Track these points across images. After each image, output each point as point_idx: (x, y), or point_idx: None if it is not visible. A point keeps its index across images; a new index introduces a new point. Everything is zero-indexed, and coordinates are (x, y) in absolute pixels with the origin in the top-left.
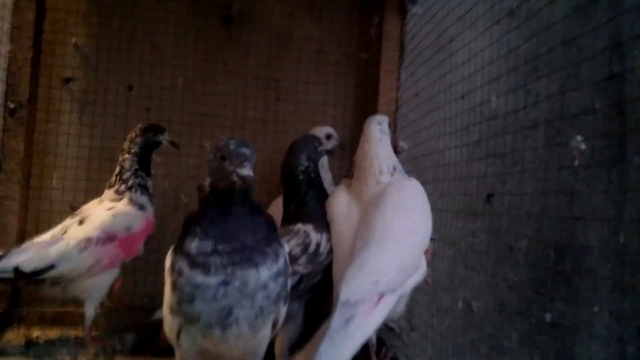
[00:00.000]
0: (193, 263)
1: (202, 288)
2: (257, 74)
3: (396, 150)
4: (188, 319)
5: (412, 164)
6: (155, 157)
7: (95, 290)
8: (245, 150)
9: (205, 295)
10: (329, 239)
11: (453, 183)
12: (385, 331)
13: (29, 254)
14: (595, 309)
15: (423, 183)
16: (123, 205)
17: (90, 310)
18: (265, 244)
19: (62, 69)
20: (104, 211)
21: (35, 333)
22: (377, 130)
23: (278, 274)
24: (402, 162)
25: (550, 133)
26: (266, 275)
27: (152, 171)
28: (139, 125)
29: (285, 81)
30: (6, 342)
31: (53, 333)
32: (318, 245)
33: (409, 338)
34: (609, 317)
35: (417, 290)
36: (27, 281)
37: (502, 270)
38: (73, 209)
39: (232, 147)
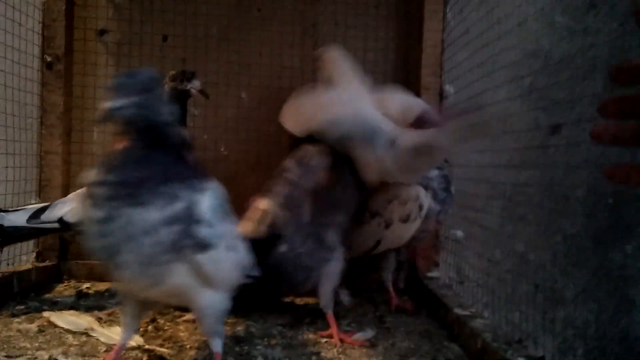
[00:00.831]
0: (87, 194)
1: (89, 222)
2: (294, 20)
3: (442, 94)
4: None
5: (459, 108)
6: (194, 110)
7: None
8: (114, 82)
9: (92, 230)
10: None
11: (504, 133)
12: (433, 280)
13: (73, 204)
14: None
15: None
16: None
17: None
18: (161, 181)
19: (96, 20)
20: None
21: (85, 285)
22: None
23: (174, 220)
24: (448, 107)
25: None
26: (155, 218)
27: (191, 124)
28: (169, 72)
29: (323, 26)
30: (57, 294)
31: (102, 286)
32: None
33: (461, 289)
34: None
35: (469, 240)
36: (73, 232)
37: (558, 221)
38: None
39: (109, 82)
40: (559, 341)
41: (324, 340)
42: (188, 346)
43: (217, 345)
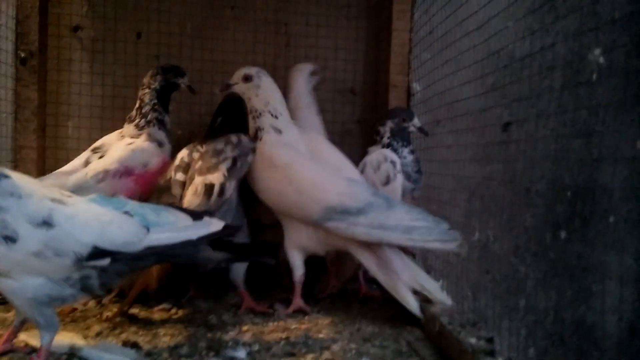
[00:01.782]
0: None
1: None
2: (266, 18)
3: (409, 92)
4: None
5: (426, 105)
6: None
7: None
8: None
9: None
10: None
11: (468, 125)
12: None
13: (49, 181)
14: (613, 249)
15: (437, 125)
16: (142, 141)
17: None
18: None
19: (70, 17)
20: (123, 146)
21: None
22: None
23: None
24: (416, 105)
25: (568, 74)
26: None
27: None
28: (161, 64)
29: (295, 25)
30: None
31: None
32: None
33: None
34: (627, 258)
35: None
36: None
37: (519, 213)
38: None
39: None
40: (520, 328)
41: (293, 326)
42: (162, 333)
43: (42, 337)
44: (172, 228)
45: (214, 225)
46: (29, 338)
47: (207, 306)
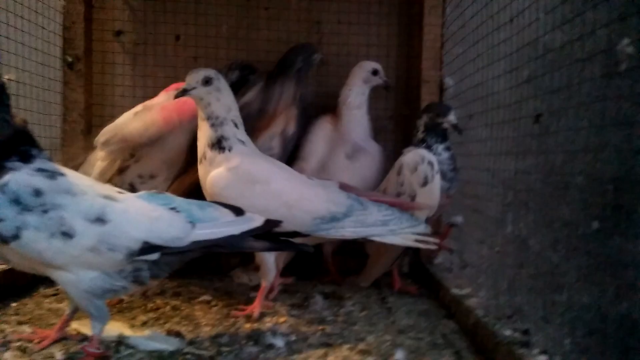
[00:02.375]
0: None
1: None
2: (299, 18)
3: (442, 87)
4: None
5: (459, 100)
6: None
7: None
8: None
9: None
10: None
11: (503, 119)
12: (435, 265)
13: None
14: None
15: (470, 119)
16: None
17: None
18: None
19: (113, 22)
20: None
21: None
22: None
23: None
24: (448, 99)
25: (606, 64)
26: None
27: None
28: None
29: (327, 23)
30: None
31: None
32: None
33: (462, 274)
34: None
35: (469, 228)
36: None
37: (557, 207)
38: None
39: None
40: (557, 321)
41: (329, 318)
42: (203, 323)
43: (93, 328)
44: (216, 224)
45: (256, 220)
46: (81, 326)
47: (245, 298)
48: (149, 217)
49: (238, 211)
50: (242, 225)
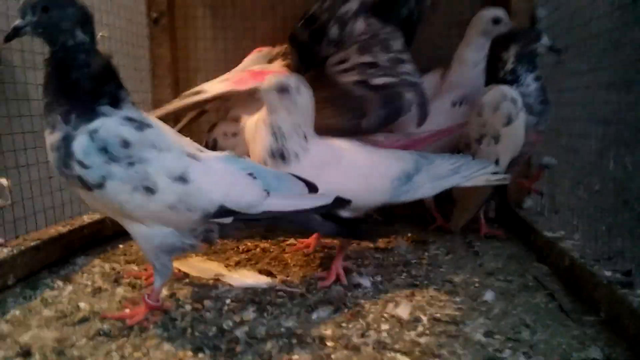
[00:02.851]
0: None
1: None
2: None
3: (534, 18)
4: None
5: (553, 32)
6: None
7: None
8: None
9: None
10: None
11: (604, 51)
12: (525, 210)
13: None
14: None
15: (566, 52)
16: None
17: None
18: (51, 109)
19: None
20: None
21: None
22: None
23: (55, 149)
24: (543, 30)
25: None
26: (48, 142)
27: None
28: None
29: None
30: None
31: None
32: None
33: (554, 218)
34: None
35: (562, 170)
36: None
37: None
38: None
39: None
40: None
41: (414, 261)
42: (292, 264)
43: (155, 281)
44: (290, 196)
45: (326, 197)
46: (181, 265)
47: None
48: (228, 181)
49: (312, 187)
50: (313, 201)
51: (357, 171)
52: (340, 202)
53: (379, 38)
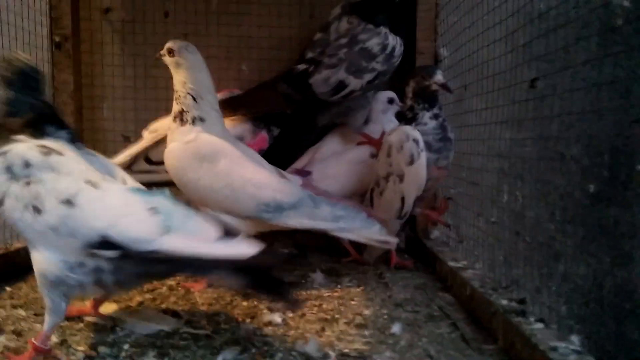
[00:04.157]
0: None
1: None
2: None
3: (437, 58)
4: None
5: (454, 70)
6: None
7: None
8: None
9: None
10: (402, 44)
11: (498, 86)
12: (432, 240)
13: None
14: None
15: (466, 90)
16: None
17: None
18: None
19: (100, 0)
20: None
21: None
22: None
23: None
24: (444, 70)
25: (604, 21)
26: None
27: None
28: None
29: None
30: None
31: None
32: (394, 48)
33: (458, 247)
34: None
35: (464, 201)
36: None
37: (554, 178)
38: (126, 139)
39: None
40: (557, 295)
41: (326, 294)
42: (200, 303)
43: (45, 322)
44: (194, 237)
45: (246, 248)
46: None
47: None
48: (118, 211)
49: (230, 232)
50: (221, 249)
51: (225, 179)
52: (263, 259)
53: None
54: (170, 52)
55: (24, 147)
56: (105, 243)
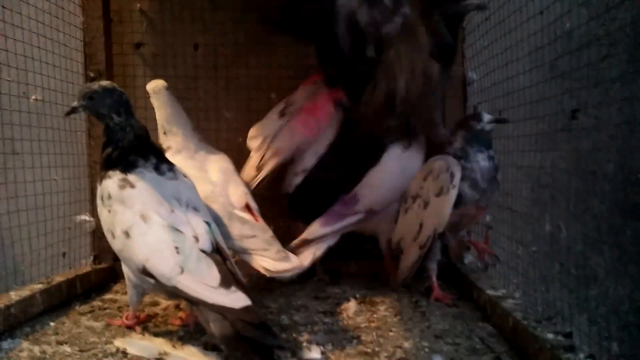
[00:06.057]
0: None
1: None
2: None
3: (465, 81)
4: None
5: (483, 94)
6: (227, 113)
7: None
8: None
9: None
10: None
11: (528, 111)
12: (466, 265)
13: None
14: None
15: (494, 114)
16: None
17: None
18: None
19: (132, 35)
20: None
21: None
22: None
23: None
24: (472, 94)
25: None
26: None
27: (224, 126)
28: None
29: None
30: (115, 293)
31: None
32: None
33: (493, 272)
34: None
35: (498, 224)
36: None
37: (587, 198)
38: None
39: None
40: (593, 319)
41: (363, 325)
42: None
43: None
44: (200, 281)
45: (235, 300)
46: (120, 342)
47: (277, 306)
48: (152, 247)
49: (226, 282)
50: (214, 297)
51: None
52: (247, 314)
53: None
54: (151, 92)
55: (110, 182)
56: (146, 272)
